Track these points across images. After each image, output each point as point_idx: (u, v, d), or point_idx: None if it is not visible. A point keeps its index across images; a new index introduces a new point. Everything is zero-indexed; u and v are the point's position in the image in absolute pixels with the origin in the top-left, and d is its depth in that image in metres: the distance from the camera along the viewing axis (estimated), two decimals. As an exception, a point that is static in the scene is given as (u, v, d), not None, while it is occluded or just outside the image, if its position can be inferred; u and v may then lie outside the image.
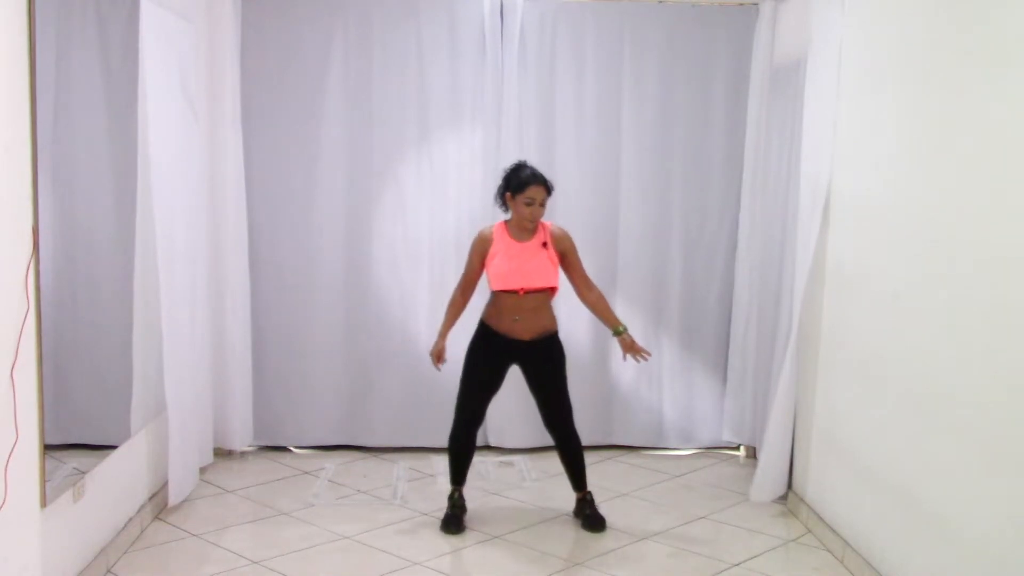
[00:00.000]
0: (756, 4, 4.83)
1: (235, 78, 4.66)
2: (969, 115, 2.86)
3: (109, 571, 3.42)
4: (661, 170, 4.97)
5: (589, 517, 4.01)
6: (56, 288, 2.98)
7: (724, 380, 5.13)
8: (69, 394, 3.19)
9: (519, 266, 3.84)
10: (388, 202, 4.92)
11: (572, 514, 4.12)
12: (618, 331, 3.96)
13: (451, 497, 4.05)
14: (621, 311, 4.77)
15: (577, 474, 4.06)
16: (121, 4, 3.49)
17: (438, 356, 3.92)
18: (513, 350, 3.92)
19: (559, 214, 4.54)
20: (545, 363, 3.96)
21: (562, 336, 4.02)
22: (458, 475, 4.05)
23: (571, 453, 4.04)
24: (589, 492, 4.08)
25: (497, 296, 3.90)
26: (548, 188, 3.86)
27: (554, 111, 4.90)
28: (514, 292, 3.84)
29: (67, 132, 3.13)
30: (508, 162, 4.58)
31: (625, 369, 5.03)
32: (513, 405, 4.74)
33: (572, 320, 4.84)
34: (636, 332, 4.95)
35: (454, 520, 3.96)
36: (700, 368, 5.14)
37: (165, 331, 3.79)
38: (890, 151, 3.39)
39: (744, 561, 3.67)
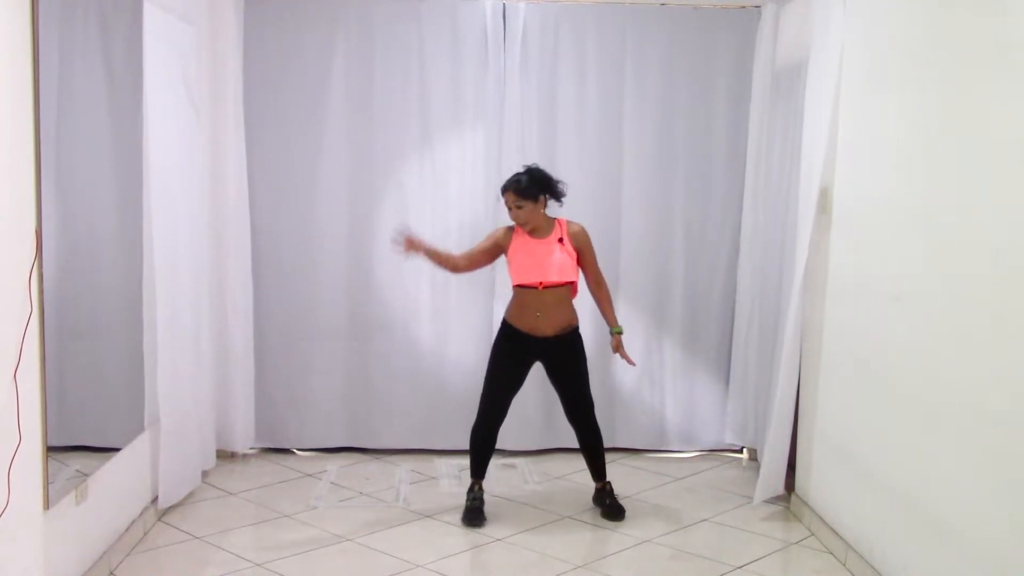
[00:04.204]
0: (758, 7, 4.83)
1: (237, 81, 4.66)
2: (971, 117, 2.85)
3: (112, 573, 3.42)
4: (663, 173, 4.97)
5: (609, 507, 4.13)
6: (59, 290, 2.98)
7: (726, 382, 5.12)
8: (72, 396, 3.20)
9: (538, 261, 3.94)
10: (390, 204, 4.92)
11: (592, 503, 4.24)
12: (612, 331, 4.12)
13: (471, 490, 4.12)
14: (623, 313, 4.79)
15: (597, 465, 4.19)
16: (124, 7, 3.50)
17: (407, 242, 3.84)
18: (536, 347, 4.01)
19: (560, 216, 4.53)
20: (567, 358, 4.06)
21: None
22: (479, 468, 4.14)
23: (592, 445, 4.16)
24: (608, 483, 4.19)
25: (518, 292, 3.99)
26: (517, 191, 3.92)
27: (556, 114, 4.90)
28: (534, 287, 3.92)
29: (70, 135, 3.13)
30: (509, 164, 4.62)
31: (627, 371, 5.02)
32: (515, 408, 4.70)
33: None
34: (638, 334, 4.98)
35: (475, 513, 4.03)
36: (702, 370, 5.13)
37: (160, 333, 3.78)
38: (891, 153, 3.38)
39: (746, 564, 3.67)
